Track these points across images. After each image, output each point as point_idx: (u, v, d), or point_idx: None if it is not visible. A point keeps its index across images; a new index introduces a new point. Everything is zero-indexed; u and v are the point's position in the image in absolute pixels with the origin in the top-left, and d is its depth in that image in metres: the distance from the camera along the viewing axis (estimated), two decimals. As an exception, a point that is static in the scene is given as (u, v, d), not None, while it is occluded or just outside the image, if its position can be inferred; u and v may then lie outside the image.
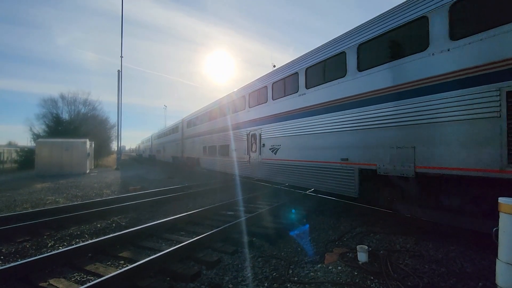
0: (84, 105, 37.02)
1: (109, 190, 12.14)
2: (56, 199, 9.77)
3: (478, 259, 4.09)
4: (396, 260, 4.18)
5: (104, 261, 4.44)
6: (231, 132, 11.93)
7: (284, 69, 8.43)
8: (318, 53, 7.04)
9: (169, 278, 3.84)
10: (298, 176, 7.63)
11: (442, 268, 3.88)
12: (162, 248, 4.80)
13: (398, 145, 5.12)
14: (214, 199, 9.51)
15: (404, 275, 3.70)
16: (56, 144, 20.27)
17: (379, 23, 5.58)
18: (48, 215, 7.04)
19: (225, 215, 7.24)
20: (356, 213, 6.79)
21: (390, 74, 5.31)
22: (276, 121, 8.75)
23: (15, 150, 31.43)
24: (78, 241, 5.41)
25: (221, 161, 13.14)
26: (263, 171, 9.43)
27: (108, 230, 6.13)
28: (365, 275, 3.76)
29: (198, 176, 16.74)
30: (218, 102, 13.80)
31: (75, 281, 3.77)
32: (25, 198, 9.95)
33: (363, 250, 4.18)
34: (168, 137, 27.54)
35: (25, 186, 13.22)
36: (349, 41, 6.15)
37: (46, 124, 32.07)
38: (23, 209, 8.15)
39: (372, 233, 5.41)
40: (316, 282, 3.63)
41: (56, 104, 34.35)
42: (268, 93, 9.17)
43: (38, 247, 5.07)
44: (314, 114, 7.07)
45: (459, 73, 4.31)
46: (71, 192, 11.49)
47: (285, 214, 6.97)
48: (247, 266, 4.20)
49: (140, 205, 8.28)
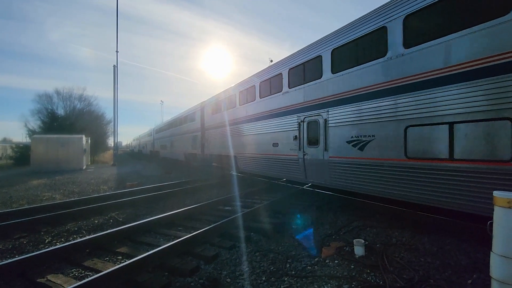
0: (79, 100, 36.68)
1: (106, 186, 12.10)
2: (53, 196, 9.73)
3: (473, 252, 4.16)
4: (392, 253, 4.24)
5: (102, 256, 4.44)
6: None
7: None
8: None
9: (168, 273, 3.86)
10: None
11: (437, 261, 3.94)
12: (160, 243, 4.80)
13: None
14: (211, 195, 9.52)
15: (400, 268, 3.75)
16: (51, 140, 20.11)
17: (349, 30, 6.05)
18: (45, 211, 7.02)
19: (223, 210, 7.26)
20: (353, 208, 6.84)
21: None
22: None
23: (10, 146, 31.20)
24: (75, 237, 5.40)
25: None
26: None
27: (105, 226, 6.12)
28: (362, 268, 3.80)
29: (194, 172, 16.71)
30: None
31: (73, 277, 3.77)
32: (21, 194, 9.90)
33: (359, 244, 4.23)
34: (178, 129, 21.86)
35: (21, 182, 13.14)
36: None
37: (41, 120, 31.79)
38: (19, 205, 8.11)
39: (368, 227, 5.46)
40: (314, 276, 3.67)
41: (51, 99, 33.96)
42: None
43: (36, 243, 5.06)
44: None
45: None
46: (67, 188, 11.44)
47: (282, 209, 7.00)
48: (244, 261, 4.23)
49: (137, 201, 8.27)
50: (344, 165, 6.38)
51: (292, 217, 6.33)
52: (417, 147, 4.90)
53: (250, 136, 10.39)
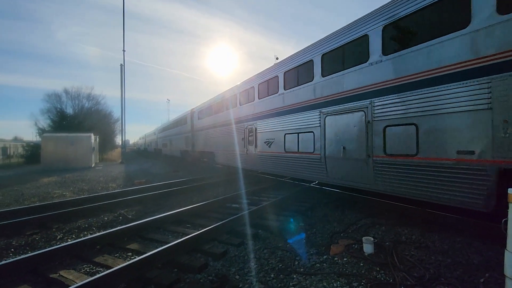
0: (87, 99, 37.10)
1: (114, 183, 12.26)
2: (63, 193, 9.90)
3: (485, 250, 4.09)
4: (402, 251, 4.19)
5: (113, 253, 4.51)
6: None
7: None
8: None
9: (177, 269, 3.89)
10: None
11: (448, 259, 3.88)
12: (169, 240, 4.85)
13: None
14: (218, 192, 9.56)
15: (410, 266, 3.71)
16: (61, 138, 20.44)
17: (337, 37, 6.54)
18: (56, 208, 7.14)
19: (230, 207, 7.28)
20: (361, 205, 6.78)
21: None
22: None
23: (21, 145, 31.80)
24: (86, 233, 5.49)
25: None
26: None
27: (115, 223, 6.20)
28: (371, 266, 3.78)
29: (202, 170, 16.80)
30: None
31: (84, 273, 3.84)
32: (32, 192, 10.10)
33: (369, 242, 4.20)
34: (174, 130, 25.37)
35: (32, 180, 13.40)
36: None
37: (51, 119, 32.33)
38: (31, 202, 8.28)
39: (377, 225, 5.41)
40: (322, 273, 3.66)
41: (60, 99, 34.45)
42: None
43: (48, 240, 5.16)
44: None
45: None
46: (77, 185, 11.63)
47: (290, 207, 6.99)
48: (253, 258, 4.24)
49: (146, 198, 8.36)
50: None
51: (299, 216, 6.32)
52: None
53: (221, 137, 13.59)
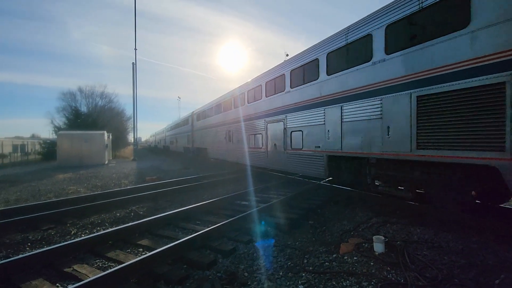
0: (101, 97, 38.02)
1: (127, 180, 12.51)
2: (78, 189, 10.17)
3: (501, 250, 3.95)
4: (414, 251, 4.10)
5: (124, 248, 4.60)
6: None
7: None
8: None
9: (186, 265, 3.94)
10: None
11: (462, 259, 3.77)
12: (179, 236, 4.91)
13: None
14: (228, 189, 9.61)
15: (422, 267, 3.63)
16: (76, 136, 20.99)
17: (341, 36, 6.82)
18: (71, 204, 7.35)
19: (239, 205, 7.31)
20: (372, 204, 6.68)
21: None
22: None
23: (38, 142, 32.85)
24: (99, 229, 5.63)
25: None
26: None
27: (127, 219, 6.33)
28: (382, 265, 3.71)
29: (212, 167, 16.93)
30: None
31: (97, 267, 3.94)
32: (48, 188, 10.43)
33: (379, 241, 4.13)
34: (179, 129, 29.75)
35: (48, 176, 13.84)
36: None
37: (66, 117, 33.32)
38: (47, 198, 8.55)
39: (388, 224, 5.32)
40: (332, 272, 3.63)
41: (74, 97, 35.45)
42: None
43: (62, 234, 5.32)
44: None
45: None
46: (91, 182, 11.93)
47: (299, 205, 6.95)
48: (262, 255, 4.24)
49: (157, 195, 8.49)
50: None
51: (309, 213, 6.28)
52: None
53: (212, 136, 16.92)
